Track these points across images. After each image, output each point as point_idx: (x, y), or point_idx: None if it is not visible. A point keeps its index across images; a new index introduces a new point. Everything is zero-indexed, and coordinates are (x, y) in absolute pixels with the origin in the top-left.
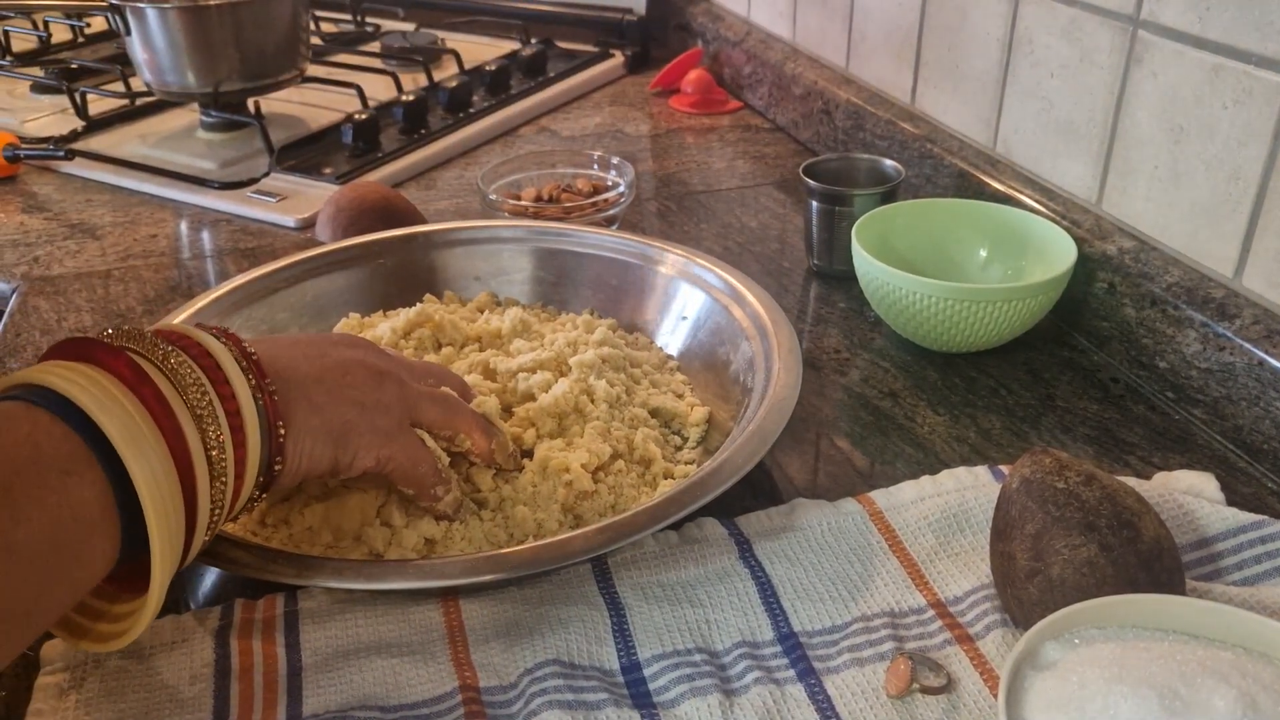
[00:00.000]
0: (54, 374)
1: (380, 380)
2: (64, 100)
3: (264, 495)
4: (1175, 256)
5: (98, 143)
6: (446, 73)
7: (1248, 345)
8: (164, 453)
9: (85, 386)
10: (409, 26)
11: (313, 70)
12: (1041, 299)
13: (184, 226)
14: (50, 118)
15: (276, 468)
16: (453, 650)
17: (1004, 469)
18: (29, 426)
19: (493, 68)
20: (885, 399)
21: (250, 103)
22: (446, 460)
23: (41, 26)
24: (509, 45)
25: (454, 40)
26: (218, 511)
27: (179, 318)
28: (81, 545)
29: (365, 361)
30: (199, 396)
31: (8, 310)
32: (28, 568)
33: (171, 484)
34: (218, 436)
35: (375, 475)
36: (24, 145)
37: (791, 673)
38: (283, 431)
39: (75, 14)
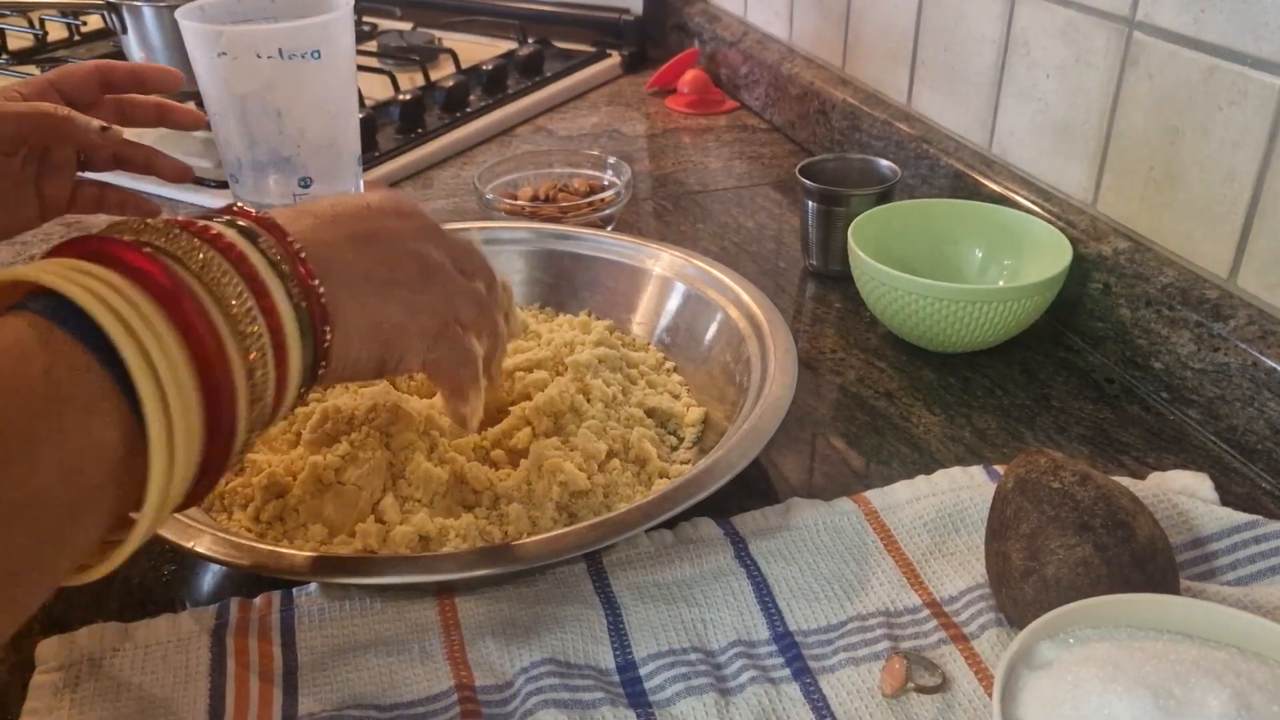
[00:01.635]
0: (76, 282)
1: (429, 277)
2: None
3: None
4: (1170, 257)
5: None
6: (443, 72)
7: (1242, 346)
8: (193, 383)
9: (112, 305)
10: (406, 26)
11: None
12: (1037, 299)
13: None
14: None
15: (321, 371)
16: (449, 649)
17: (999, 469)
18: (48, 357)
19: (489, 67)
20: (881, 399)
21: None
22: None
23: (38, 25)
24: (506, 45)
25: (451, 40)
26: (254, 433)
27: None
28: (103, 490)
29: (413, 250)
30: (242, 310)
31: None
32: (44, 519)
33: (190, 420)
34: (261, 357)
35: (372, 470)
36: None
37: (787, 672)
38: (329, 335)
39: (71, 12)
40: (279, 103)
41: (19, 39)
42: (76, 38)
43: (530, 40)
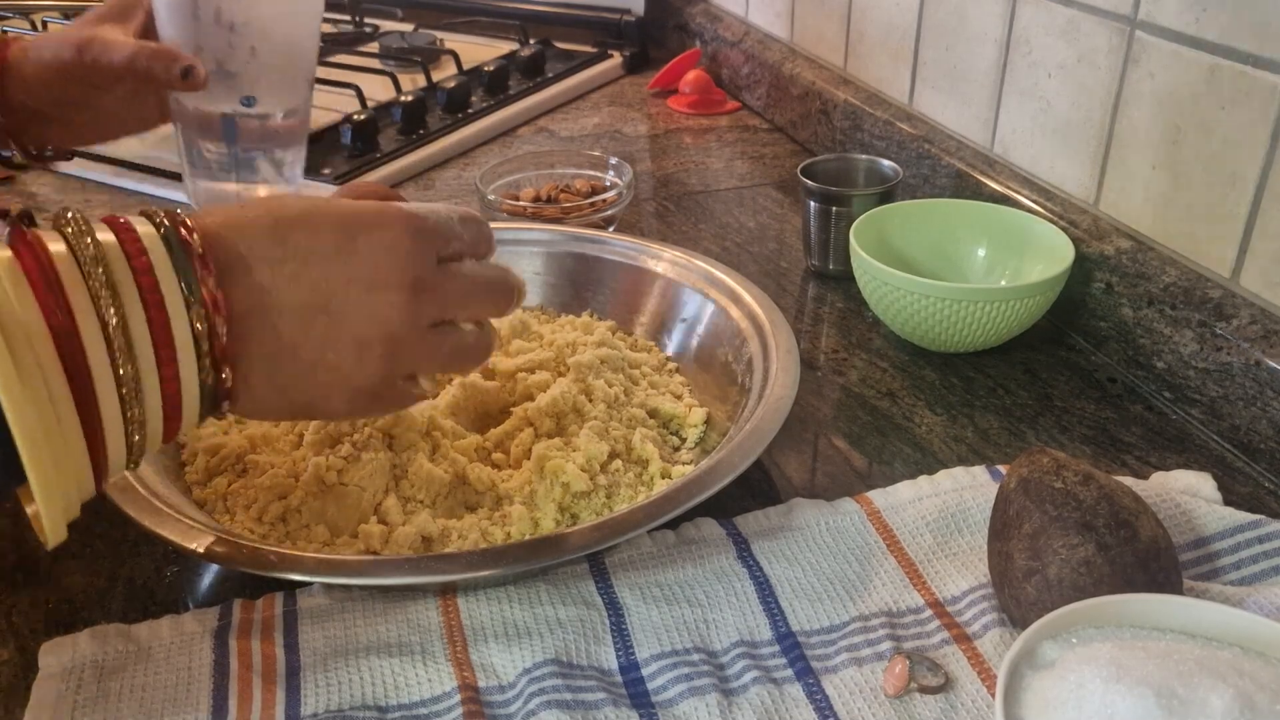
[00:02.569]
0: None
1: (387, 348)
2: None
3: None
4: (1172, 257)
5: None
6: (445, 73)
7: (1245, 345)
8: (57, 370)
9: None
10: (407, 27)
11: None
12: (1039, 299)
13: None
14: None
15: (225, 406)
16: (451, 650)
17: (1002, 469)
18: None
19: (491, 68)
20: (883, 399)
21: None
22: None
23: (40, 27)
24: (507, 46)
25: (452, 41)
26: (136, 431)
27: None
28: None
29: (361, 332)
30: (102, 296)
31: None
32: None
33: (66, 413)
34: (125, 352)
35: (374, 471)
36: None
37: (790, 672)
38: (228, 379)
39: (73, 14)
40: (234, 16)
41: None
42: None
43: (532, 41)
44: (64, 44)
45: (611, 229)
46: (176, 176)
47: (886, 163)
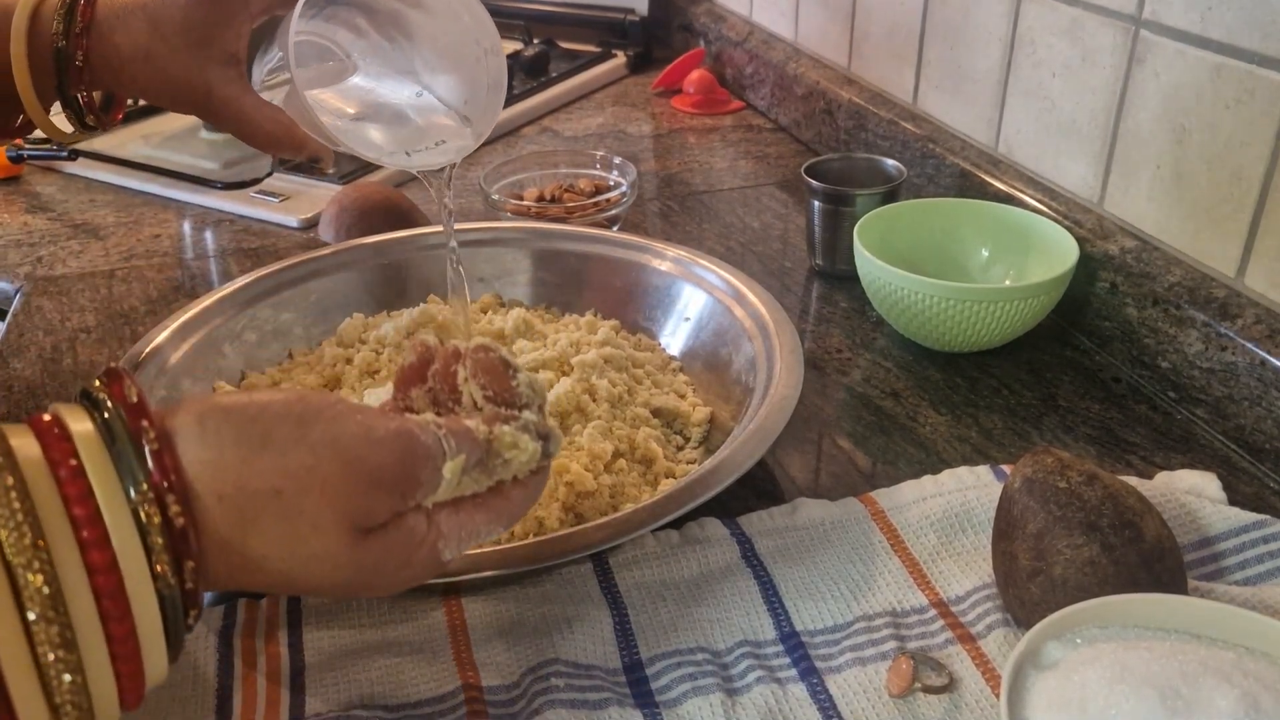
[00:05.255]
0: None
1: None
2: None
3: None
4: (1177, 256)
5: (101, 143)
6: None
7: (1250, 345)
8: None
9: None
10: None
11: None
12: (1043, 299)
13: (187, 227)
14: (53, 118)
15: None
16: (455, 650)
17: (1006, 469)
18: None
19: None
20: (887, 399)
21: None
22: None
23: None
24: (511, 45)
25: None
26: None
27: (183, 318)
28: None
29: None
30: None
31: (11, 310)
32: None
33: None
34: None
35: None
36: (27, 145)
37: (794, 672)
38: (193, 619)
39: None
40: None
41: None
42: None
43: (536, 41)
44: (185, 91)
45: (615, 228)
46: (179, 177)
47: (890, 162)
